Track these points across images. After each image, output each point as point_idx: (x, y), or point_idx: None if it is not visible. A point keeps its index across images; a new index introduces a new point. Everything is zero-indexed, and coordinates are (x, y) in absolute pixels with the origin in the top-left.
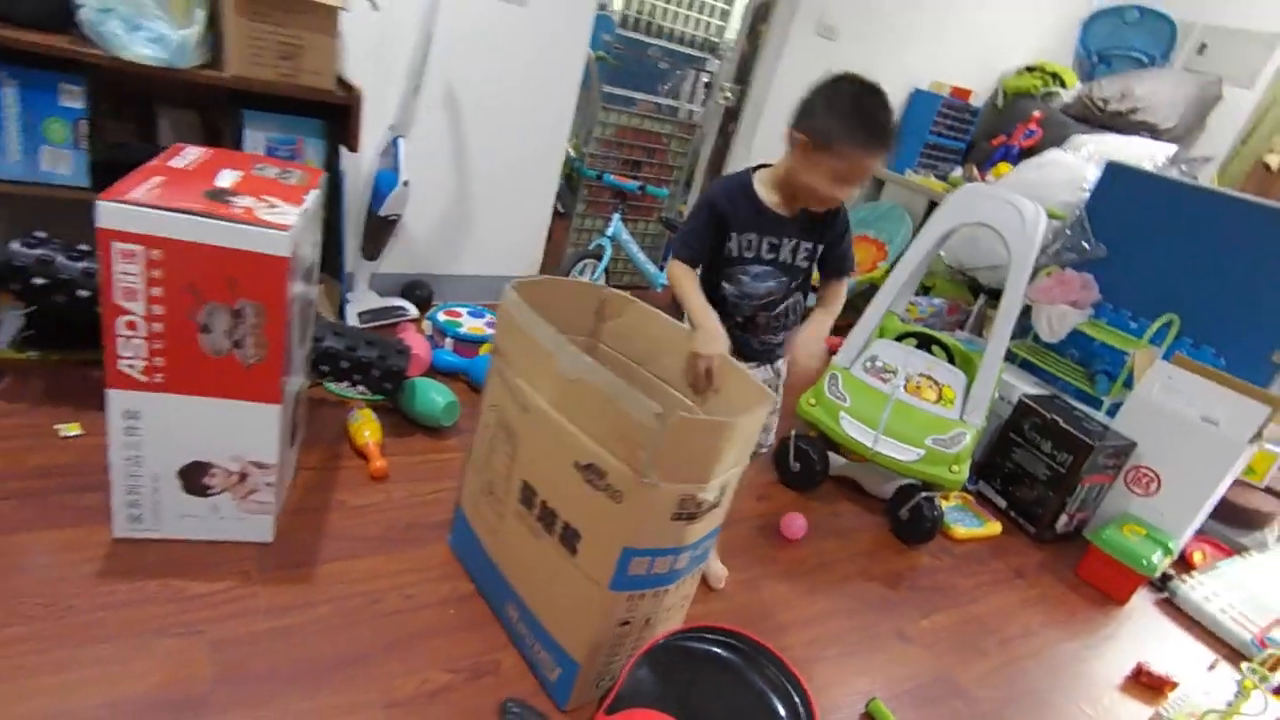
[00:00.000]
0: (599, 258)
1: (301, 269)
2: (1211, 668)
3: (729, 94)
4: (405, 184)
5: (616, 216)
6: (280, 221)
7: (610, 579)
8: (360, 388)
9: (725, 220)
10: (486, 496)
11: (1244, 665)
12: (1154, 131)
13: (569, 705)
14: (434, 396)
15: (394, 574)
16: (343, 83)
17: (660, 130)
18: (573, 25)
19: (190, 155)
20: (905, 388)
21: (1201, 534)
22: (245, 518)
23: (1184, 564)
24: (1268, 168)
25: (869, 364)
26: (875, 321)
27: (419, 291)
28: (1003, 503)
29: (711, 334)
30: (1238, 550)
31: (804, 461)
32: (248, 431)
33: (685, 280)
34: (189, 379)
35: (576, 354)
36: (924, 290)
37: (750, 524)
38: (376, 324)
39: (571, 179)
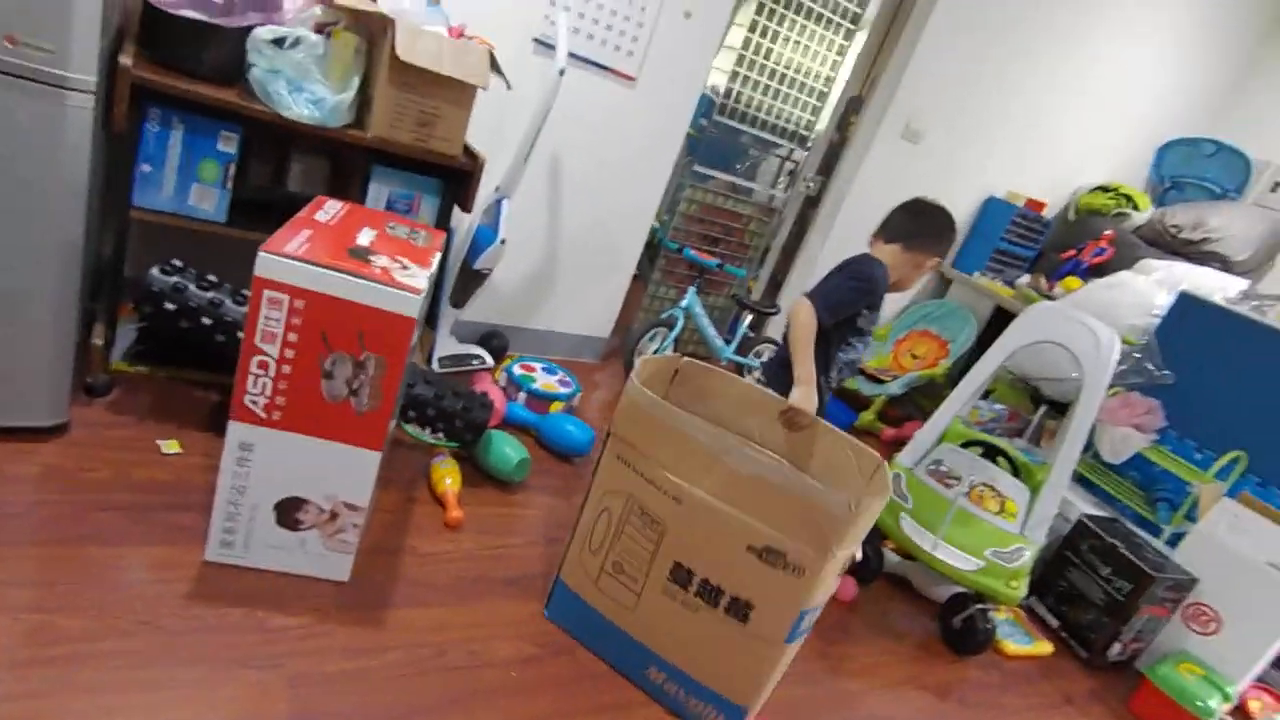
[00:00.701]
0: (670, 327)
1: (418, 324)
2: None
3: (811, 183)
4: (503, 242)
5: (693, 290)
6: (412, 284)
7: (785, 636)
8: (440, 435)
9: (874, 298)
10: (615, 576)
11: None
12: (1225, 264)
13: None
14: (508, 451)
15: (461, 627)
16: (468, 150)
17: (741, 210)
18: (676, 106)
19: (332, 210)
20: (968, 496)
21: (1261, 683)
22: (328, 555)
23: (1241, 712)
24: None
25: (933, 467)
26: (943, 425)
27: (495, 341)
28: (1055, 622)
29: (810, 392)
30: None
31: (861, 555)
32: (347, 474)
33: (808, 337)
34: (304, 419)
35: (747, 453)
36: (985, 395)
37: None
38: (455, 370)
39: (652, 247)
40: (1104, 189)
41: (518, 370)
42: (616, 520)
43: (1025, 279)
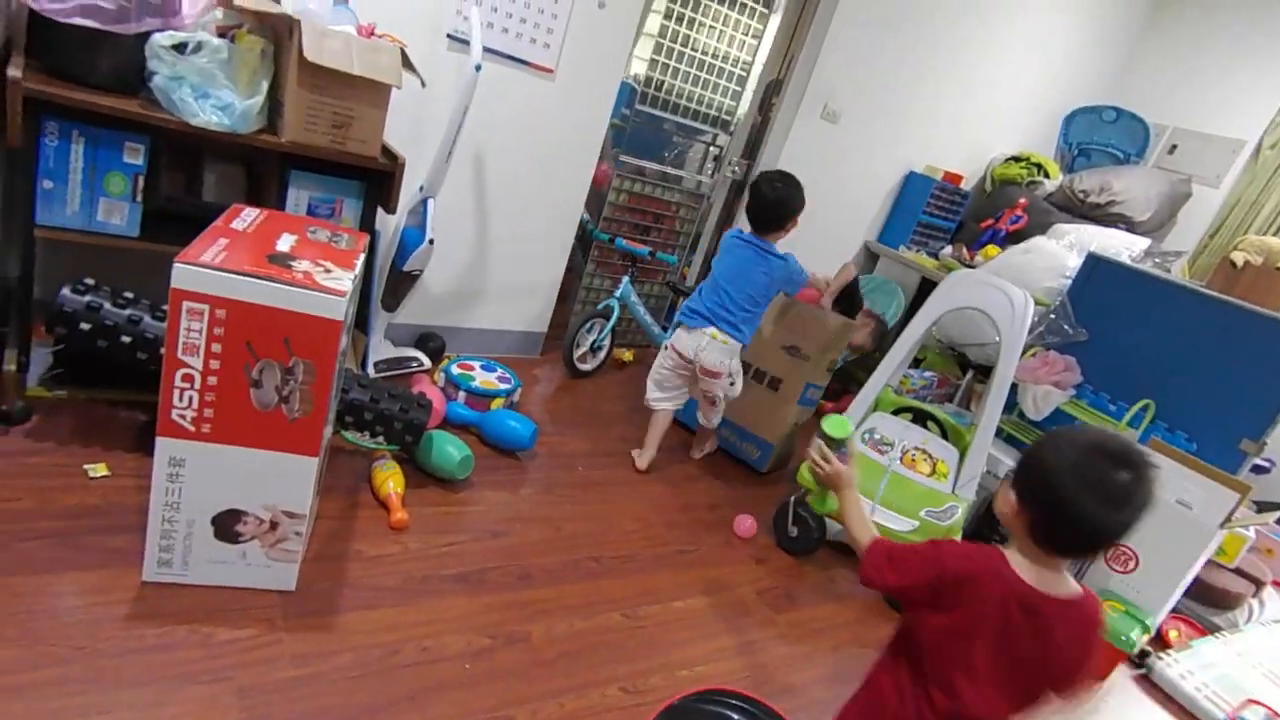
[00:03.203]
0: (607, 317)
1: (347, 328)
2: None
3: (736, 167)
4: (431, 242)
5: (626, 279)
6: (336, 287)
7: (798, 399)
8: (380, 439)
9: None
10: None
11: None
12: (1130, 224)
13: (766, 469)
14: (449, 450)
15: (411, 626)
16: (386, 150)
17: (670, 199)
18: (597, 97)
19: (249, 217)
20: (901, 460)
21: (1177, 613)
22: (271, 565)
23: (1160, 642)
24: (1233, 264)
25: (867, 436)
26: (873, 395)
27: (432, 343)
28: None
29: None
30: (1211, 630)
31: (802, 527)
32: (284, 482)
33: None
34: (235, 430)
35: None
36: (916, 363)
37: (749, 587)
38: (391, 374)
39: (584, 239)
40: (1016, 159)
41: (456, 370)
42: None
43: (948, 250)
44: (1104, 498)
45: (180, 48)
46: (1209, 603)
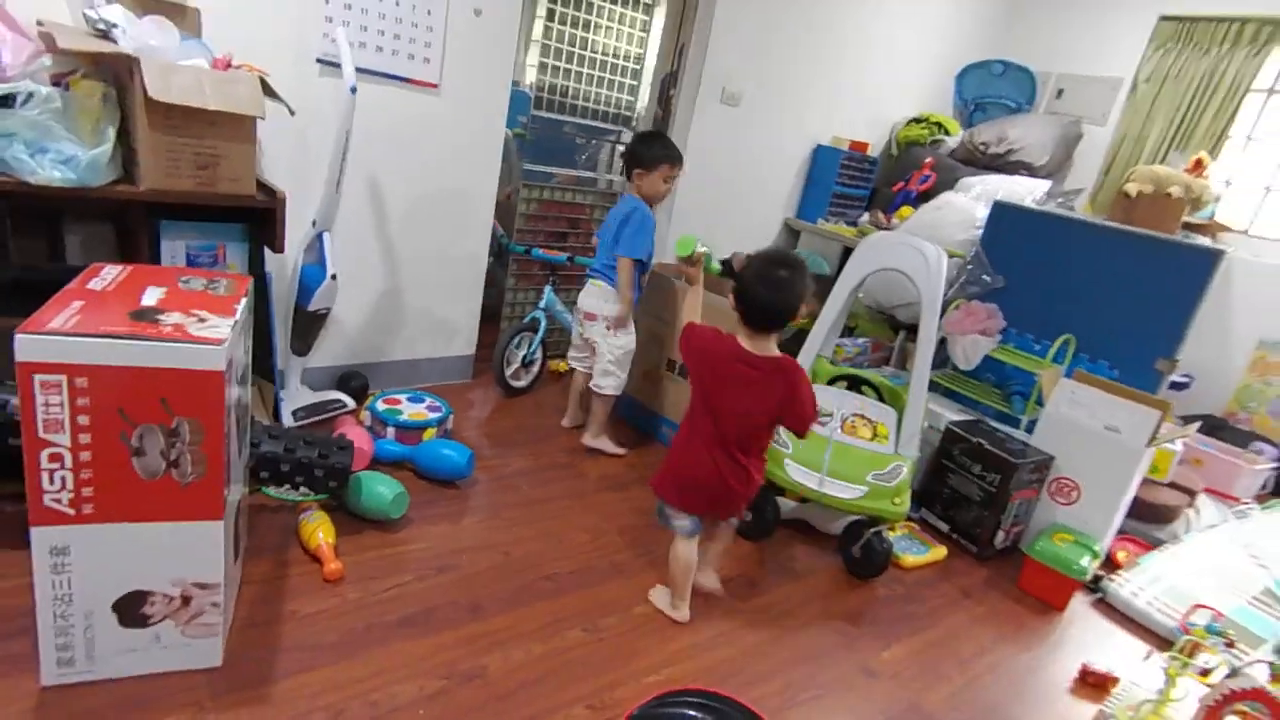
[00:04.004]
0: (535, 330)
1: (236, 377)
2: (1146, 658)
3: None
4: (333, 278)
5: (549, 288)
6: (212, 335)
7: None
8: (303, 489)
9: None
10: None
11: (1166, 655)
12: (1030, 170)
13: None
14: (380, 490)
15: (357, 681)
16: (264, 186)
17: (583, 201)
18: (487, 106)
19: (110, 275)
20: (842, 429)
21: (1122, 534)
22: (191, 643)
23: (1111, 564)
24: (1128, 195)
25: None
26: (807, 368)
27: (354, 382)
28: (945, 526)
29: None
30: (1156, 545)
31: (755, 511)
32: (189, 552)
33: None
34: (122, 506)
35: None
36: (849, 331)
37: None
38: (313, 419)
39: (500, 254)
40: (918, 120)
41: (381, 406)
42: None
43: (865, 217)
44: (769, 286)
45: (6, 101)
46: (1150, 519)
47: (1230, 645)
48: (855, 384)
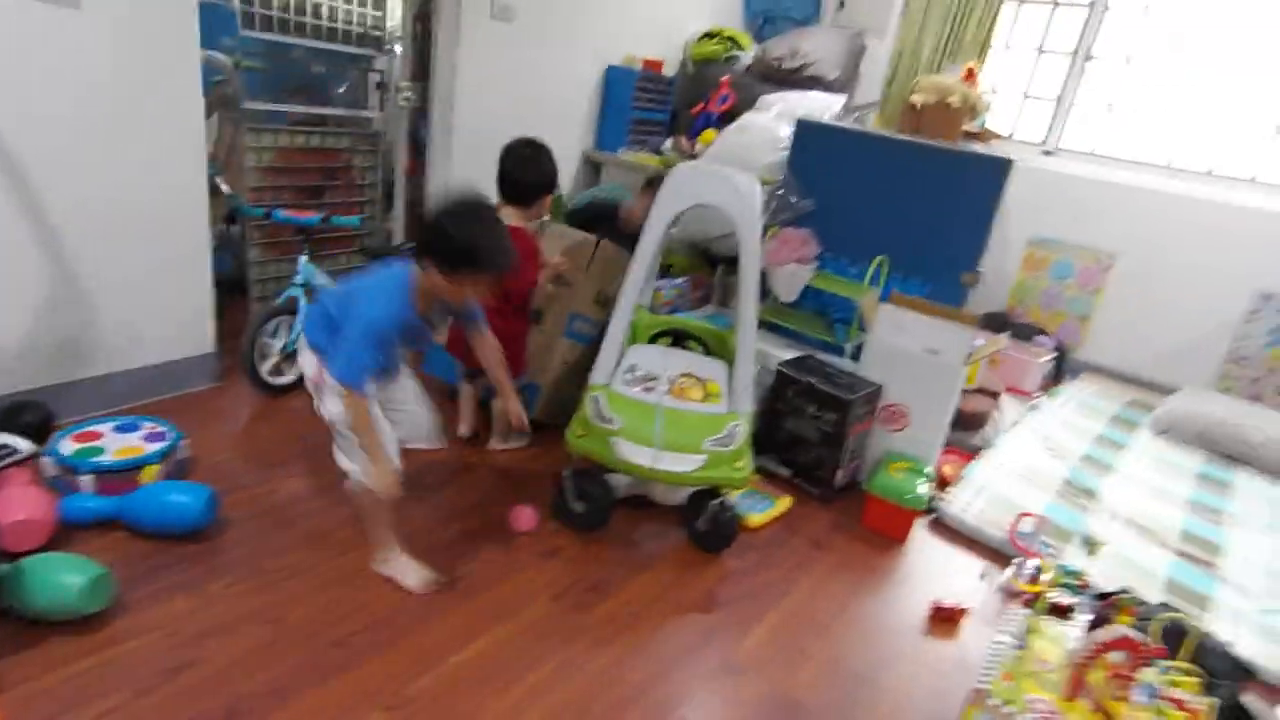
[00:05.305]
0: (293, 311)
1: None
2: (982, 577)
3: (409, 93)
4: None
5: (304, 259)
6: None
7: (563, 332)
8: None
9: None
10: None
11: (1022, 614)
12: (824, 84)
13: (536, 414)
14: (63, 579)
15: None
16: None
17: (337, 146)
18: (162, 22)
19: None
20: (670, 392)
21: (945, 447)
22: None
23: (941, 482)
24: (914, 107)
25: (629, 376)
26: (625, 326)
27: (28, 416)
28: (786, 471)
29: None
30: (973, 452)
31: (586, 499)
32: None
33: None
34: None
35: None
36: (665, 271)
37: (545, 595)
38: None
39: (235, 219)
40: (710, 35)
41: (68, 446)
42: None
43: (668, 144)
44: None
45: None
46: (966, 427)
47: (1084, 587)
48: (679, 338)
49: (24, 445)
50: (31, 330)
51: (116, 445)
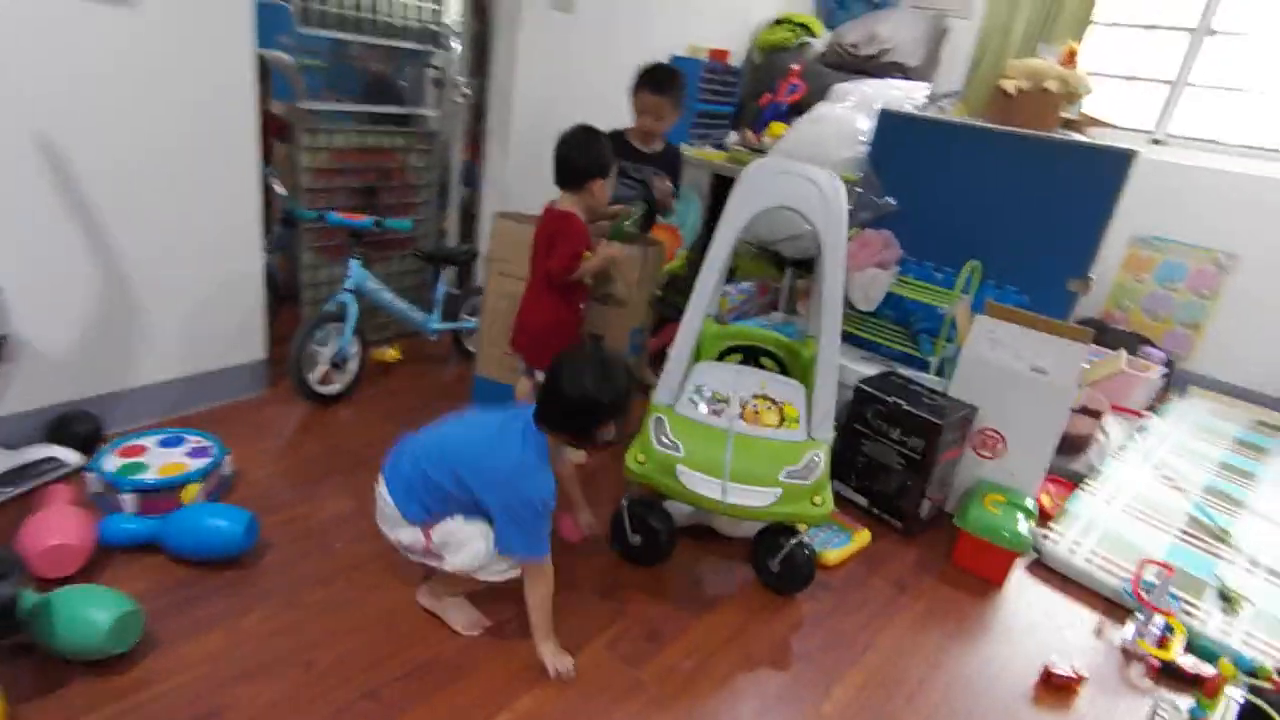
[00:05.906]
0: (342, 317)
1: None
2: (1098, 634)
3: (467, 89)
4: None
5: (355, 263)
6: None
7: (626, 351)
8: None
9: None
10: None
11: (1157, 706)
12: (904, 71)
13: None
14: (91, 614)
15: None
16: None
17: (392, 145)
18: (216, 21)
19: None
20: (743, 416)
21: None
22: None
23: (1040, 514)
24: (1006, 94)
25: (695, 397)
26: (692, 340)
27: (78, 427)
28: (863, 500)
29: None
30: (1074, 480)
31: (645, 532)
32: None
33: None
34: None
35: None
36: (730, 275)
37: (599, 641)
38: (10, 495)
39: (290, 222)
40: (779, 22)
41: (113, 462)
42: (504, 316)
43: (733, 137)
44: (559, 155)
45: None
46: (1064, 451)
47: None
48: (751, 355)
49: (72, 458)
50: (83, 340)
51: (160, 461)
